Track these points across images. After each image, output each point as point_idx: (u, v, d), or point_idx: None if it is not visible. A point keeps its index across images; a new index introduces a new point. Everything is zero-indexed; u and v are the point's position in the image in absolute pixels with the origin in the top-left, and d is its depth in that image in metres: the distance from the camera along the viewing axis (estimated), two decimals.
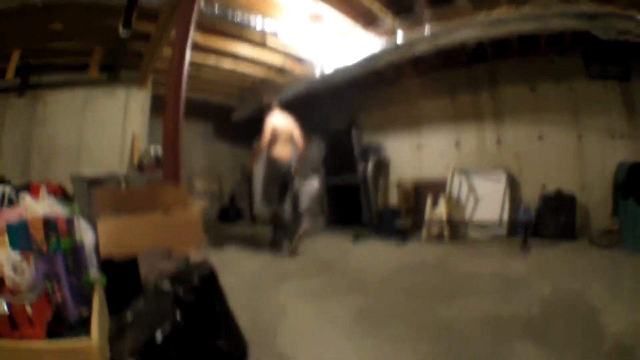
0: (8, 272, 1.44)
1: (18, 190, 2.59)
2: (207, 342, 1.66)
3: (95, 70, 5.53)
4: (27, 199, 2.08)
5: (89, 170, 5.13)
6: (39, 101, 5.45)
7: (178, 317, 1.57)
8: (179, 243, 2.35)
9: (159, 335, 1.48)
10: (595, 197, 5.19)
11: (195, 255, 2.09)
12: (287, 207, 4.86)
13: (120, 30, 4.19)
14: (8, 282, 1.44)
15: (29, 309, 1.49)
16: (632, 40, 3.98)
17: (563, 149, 5.50)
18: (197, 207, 3.05)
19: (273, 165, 4.83)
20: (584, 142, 5.37)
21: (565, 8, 4.10)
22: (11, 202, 3.06)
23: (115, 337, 1.62)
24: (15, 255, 1.52)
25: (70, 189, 4.50)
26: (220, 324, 1.78)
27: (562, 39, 5.06)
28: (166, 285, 1.70)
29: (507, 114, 6.03)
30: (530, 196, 5.57)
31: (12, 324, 1.49)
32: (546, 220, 5.20)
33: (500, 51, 5.75)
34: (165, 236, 2.44)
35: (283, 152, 4.82)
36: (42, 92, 5.46)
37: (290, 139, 4.92)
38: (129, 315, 1.68)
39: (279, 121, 4.90)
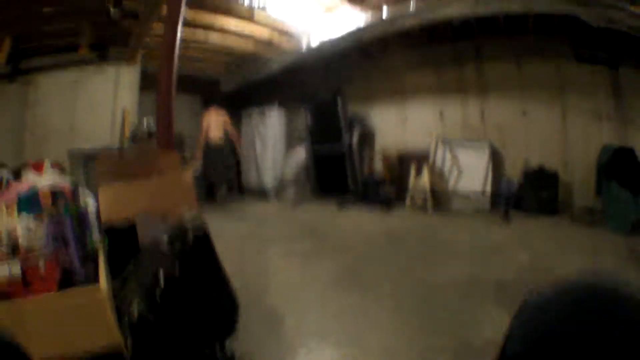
0: (22, 232, 1.61)
1: (15, 171, 2.71)
2: (202, 292, 1.87)
3: (85, 49, 5.55)
4: (30, 175, 2.23)
5: (82, 146, 5.23)
6: (30, 85, 5.52)
7: (176, 269, 1.77)
8: (173, 205, 2.50)
9: (159, 282, 1.69)
10: (578, 175, 5.26)
11: (189, 215, 2.27)
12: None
13: (111, 10, 4.23)
14: (22, 242, 1.62)
15: (42, 266, 1.68)
16: (623, 29, 3.94)
17: (547, 126, 5.52)
18: (188, 171, 3.22)
19: (209, 146, 6.49)
20: (568, 121, 5.38)
21: None
22: (9, 185, 3.20)
23: (119, 288, 1.83)
24: (29, 217, 1.69)
25: (66, 165, 4.65)
26: (213, 277, 1.99)
27: (550, 21, 5.00)
28: (164, 243, 1.89)
29: (492, 89, 6.05)
30: (513, 170, 5.65)
31: (25, 283, 1.67)
32: (528, 195, 5.25)
33: (487, 29, 5.66)
34: (161, 199, 2.61)
35: (214, 135, 6.48)
36: (33, 76, 5.53)
37: (223, 128, 6.58)
38: (130, 269, 1.88)
39: (211, 118, 6.53)
